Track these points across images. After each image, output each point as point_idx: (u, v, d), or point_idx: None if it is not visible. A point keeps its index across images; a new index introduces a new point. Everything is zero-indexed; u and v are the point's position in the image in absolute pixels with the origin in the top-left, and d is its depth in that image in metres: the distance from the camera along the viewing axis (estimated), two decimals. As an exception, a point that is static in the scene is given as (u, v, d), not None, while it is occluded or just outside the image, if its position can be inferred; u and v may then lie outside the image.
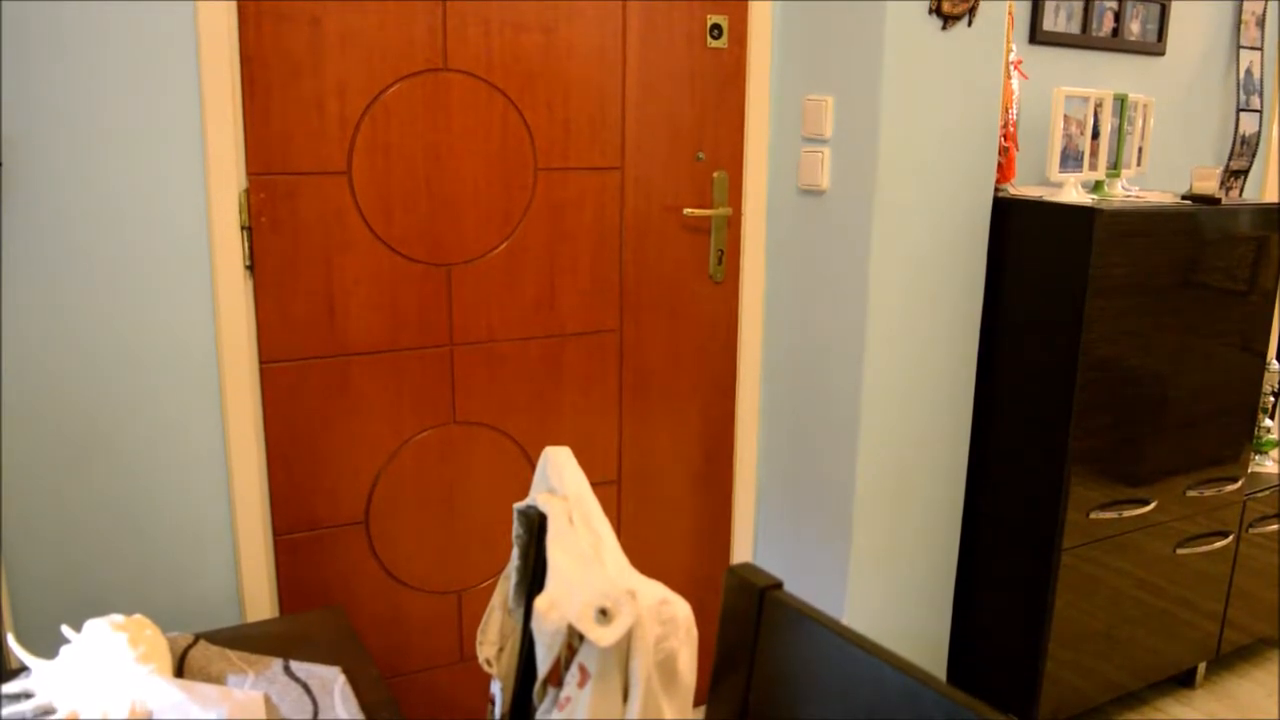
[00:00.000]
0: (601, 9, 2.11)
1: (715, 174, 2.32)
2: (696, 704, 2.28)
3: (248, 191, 1.83)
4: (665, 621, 1.10)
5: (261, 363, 1.90)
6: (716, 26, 2.23)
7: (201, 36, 1.72)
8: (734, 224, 2.38)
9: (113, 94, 1.69)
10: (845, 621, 2.26)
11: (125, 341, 1.77)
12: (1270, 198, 3.34)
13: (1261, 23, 3.19)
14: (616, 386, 2.32)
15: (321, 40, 1.84)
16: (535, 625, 1.10)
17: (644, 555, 2.40)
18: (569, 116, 2.12)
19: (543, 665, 1.11)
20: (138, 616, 1.31)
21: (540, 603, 1.10)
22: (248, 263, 1.86)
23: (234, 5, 1.75)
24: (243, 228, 1.84)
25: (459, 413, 2.13)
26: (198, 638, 1.48)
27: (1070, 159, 2.35)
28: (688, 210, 2.30)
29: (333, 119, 1.88)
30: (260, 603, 1.94)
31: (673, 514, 2.44)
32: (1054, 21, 2.66)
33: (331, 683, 1.43)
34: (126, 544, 1.83)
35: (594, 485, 2.17)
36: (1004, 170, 2.40)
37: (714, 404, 2.46)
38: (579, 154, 2.16)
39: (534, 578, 1.29)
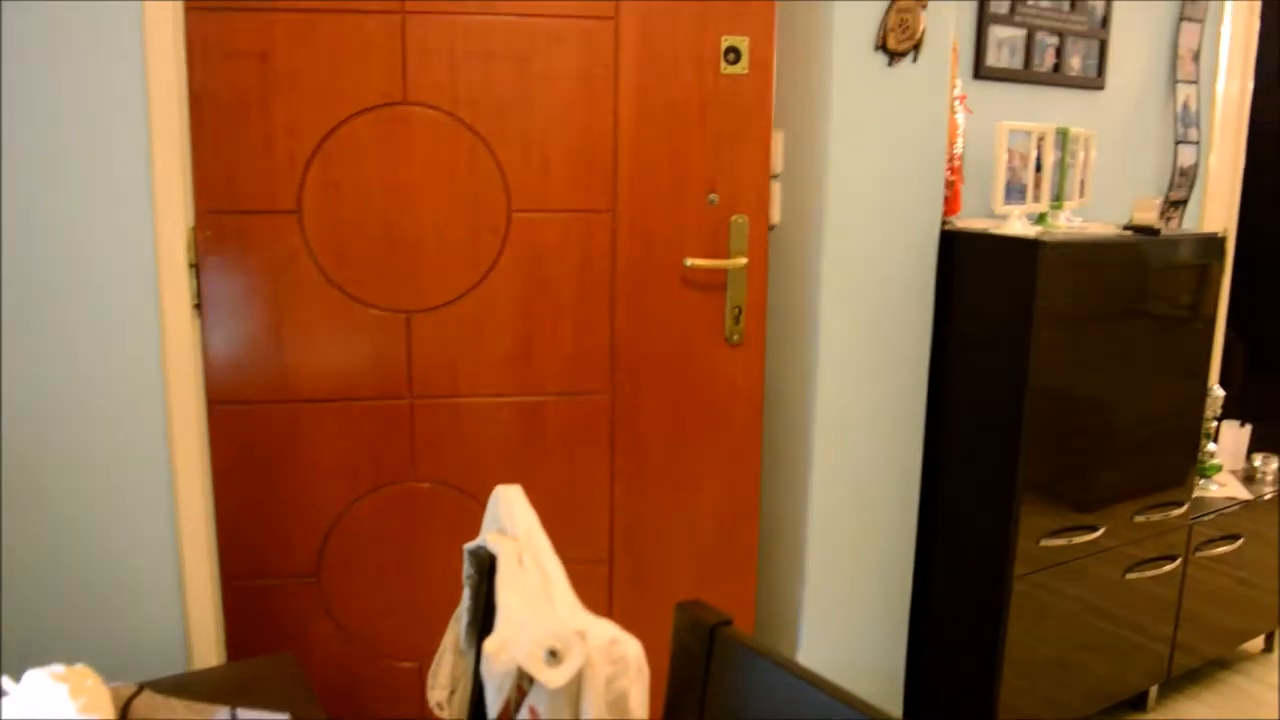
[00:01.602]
0: (588, 32, 1.93)
1: (734, 218, 2.06)
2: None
3: (195, 229, 1.81)
4: (616, 661, 1.10)
5: (210, 404, 1.87)
6: (733, 50, 1.99)
7: (150, 73, 1.70)
8: (755, 276, 2.09)
9: (60, 130, 1.68)
10: (802, 657, 2.27)
11: (71, 381, 1.74)
12: (1209, 228, 3.43)
13: (1197, 58, 3.29)
14: (608, 455, 2.09)
15: (271, 75, 1.81)
16: (484, 667, 1.09)
17: (641, 630, 2.26)
18: (548, 153, 1.95)
19: (493, 708, 1.10)
20: (79, 666, 1.28)
21: (489, 644, 1.09)
22: (195, 302, 1.83)
23: (182, 42, 1.74)
24: (190, 266, 1.82)
25: (420, 471, 2.00)
26: (142, 687, 1.45)
27: (1014, 191, 2.40)
28: (691, 261, 2.05)
29: (282, 156, 1.84)
30: (207, 650, 1.89)
31: (674, 598, 2.22)
32: (997, 57, 2.72)
33: (280, 729, 1.40)
34: (68, 590, 1.79)
35: (582, 563, 2.02)
36: (950, 203, 2.44)
37: (732, 483, 2.18)
38: (560, 195, 1.97)
39: (485, 619, 1.28)
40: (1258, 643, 3.19)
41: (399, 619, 2.04)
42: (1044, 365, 2.27)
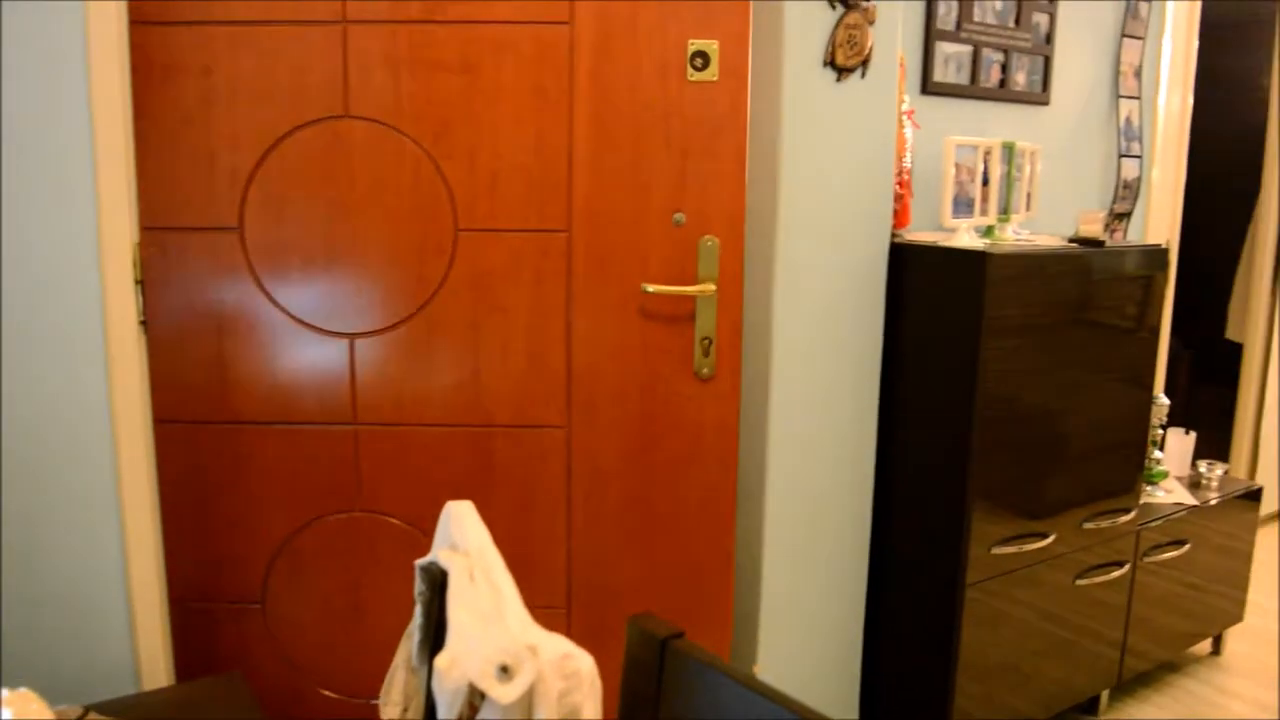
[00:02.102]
0: (541, 39, 1.82)
1: (703, 240, 1.90)
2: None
3: (140, 245, 1.79)
4: (568, 676, 1.10)
5: (156, 423, 1.84)
6: (701, 54, 1.84)
7: (94, 88, 1.68)
8: (728, 304, 1.93)
9: (4, 144, 1.65)
10: (759, 668, 2.28)
11: (15, 398, 1.71)
12: (1152, 239, 3.50)
13: (1138, 73, 3.36)
14: (563, 495, 1.96)
15: (212, 89, 1.78)
16: (436, 684, 1.09)
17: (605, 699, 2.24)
18: (497, 169, 1.84)
19: (445, 726, 1.09)
20: (22, 690, 1.26)
21: (440, 661, 1.09)
22: (141, 318, 1.81)
23: (127, 56, 1.72)
24: (136, 282, 1.79)
25: (366, 500, 1.93)
26: (88, 709, 1.42)
27: (962, 205, 2.44)
28: (652, 287, 1.90)
29: (223, 172, 1.81)
30: (156, 672, 1.86)
31: None
32: (944, 73, 2.76)
33: (230, 751, 1.38)
34: (14, 611, 1.75)
35: (535, 609, 1.87)
36: (899, 217, 2.47)
37: (706, 529, 2.03)
38: (510, 213, 1.86)
39: (437, 635, 1.27)
40: (1205, 646, 3.25)
41: (344, 652, 1.97)
42: (993, 375, 2.31)
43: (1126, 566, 2.76)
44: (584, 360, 1.93)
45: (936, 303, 2.36)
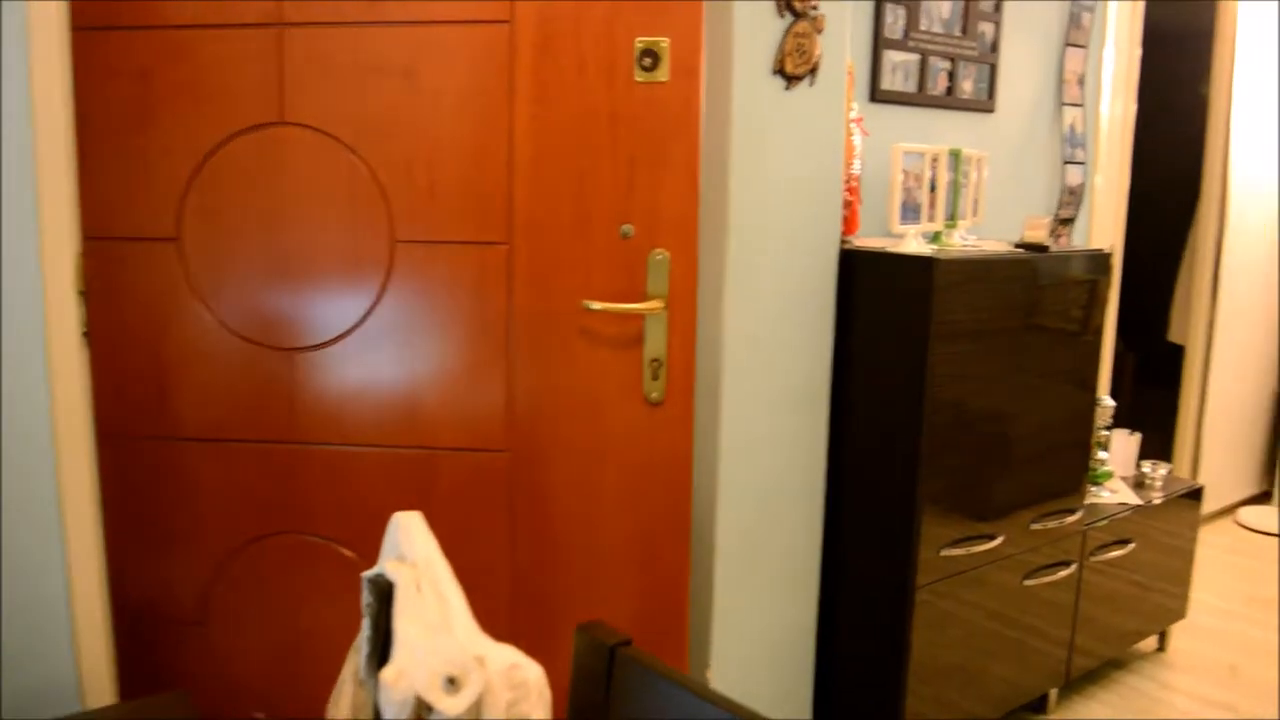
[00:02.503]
0: (480, 40, 1.73)
1: (653, 254, 1.79)
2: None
3: (82, 255, 1.76)
4: (516, 686, 1.10)
5: (98, 437, 1.81)
6: (650, 53, 1.72)
7: (36, 95, 1.65)
8: (679, 323, 1.81)
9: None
10: (712, 675, 2.28)
11: (-52, 415, 1.68)
12: (1096, 244, 3.57)
13: (1081, 82, 3.42)
14: (507, 523, 1.87)
15: (150, 94, 1.74)
16: (382, 697, 1.08)
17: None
18: (435, 178, 1.76)
19: (393, 739, 1.09)
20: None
21: (387, 673, 1.08)
22: (84, 330, 1.78)
23: (69, 64, 1.69)
24: (79, 293, 1.76)
25: (304, 523, 1.87)
26: (28, 729, 1.39)
27: (910, 211, 2.47)
28: (595, 305, 1.78)
29: (161, 180, 1.77)
30: (100, 690, 1.83)
31: None
32: (892, 81, 2.80)
33: (176, 768, 1.36)
34: (-49, 631, 1.72)
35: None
36: (848, 223, 2.49)
37: (659, 560, 1.92)
38: (449, 224, 1.77)
39: (384, 648, 1.27)
40: (1151, 643, 3.31)
41: (285, 673, 1.92)
42: (941, 379, 2.34)
43: (1073, 566, 2.81)
44: (526, 381, 1.84)
45: (886, 308, 2.39)
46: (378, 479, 1.85)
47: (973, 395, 2.44)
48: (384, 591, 1.25)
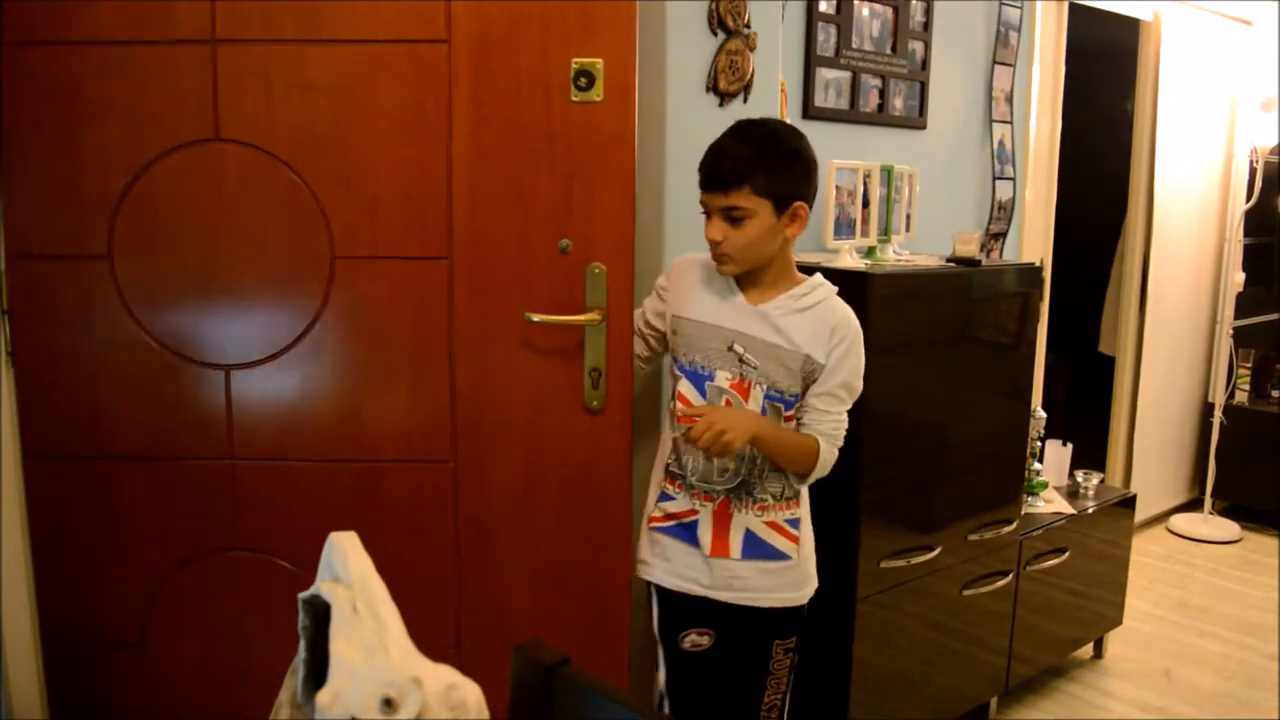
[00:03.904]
0: (418, 58, 1.74)
1: (590, 268, 1.81)
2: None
3: (5, 274, 1.71)
4: (455, 707, 1.08)
5: (26, 458, 1.76)
6: (585, 73, 1.75)
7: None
8: (617, 334, 1.83)
9: None
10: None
11: None
12: (1027, 258, 3.64)
13: (1010, 99, 3.50)
14: (452, 532, 1.88)
15: (79, 110, 1.71)
16: (318, 719, 1.05)
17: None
18: (375, 194, 1.76)
19: (324, 766, 1.06)
20: None
21: (322, 696, 1.05)
22: (8, 349, 1.73)
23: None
24: (2, 312, 1.71)
25: (245, 539, 1.84)
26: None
27: (844, 226, 2.49)
28: (536, 316, 1.80)
29: (91, 198, 1.73)
30: (30, 709, 1.77)
31: None
32: (824, 98, 2.83)
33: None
34: None
35: (428, 649, 1.75)
36: (784, 238, 2.51)
37: (601, 565, 1.93)
38: (390, 240, 1.78)
39: (322, 670, 1.24)
40: (1088, 650, 3.36)
41: (226, 693, 1.87)
42: (878, 392, 2.35)
43: (1010, 576, 2.85)
44: (469, 393, 1.84)
45: (822, 322, 2.41)
46: (320, 493, 1.83)
47: (909, 408, 2.47)
48: (320, 613, 1.23)
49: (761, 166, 1.75)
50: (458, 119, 1.76)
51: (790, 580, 1.95)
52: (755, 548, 1.90)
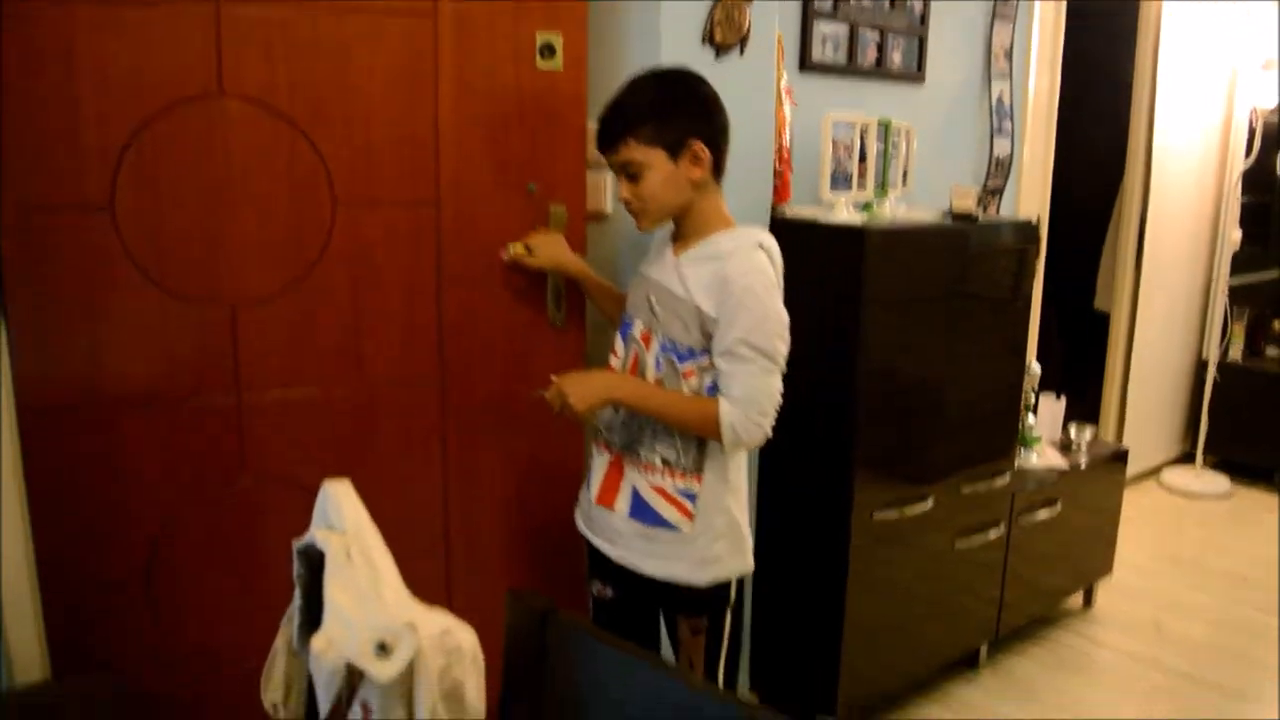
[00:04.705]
0: (408, 26, 1.92)
1: (553, 207, 2.10)
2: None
3: None
4: (449, 651, 1.10)
5: (21, 412, 1.77)
6: (549, 46, 2.03)
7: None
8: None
9: None
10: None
11: None
12: (1024, 214, 3.64)
13: (1009, 54, 3.48)
14: (439, 443, 2.09)
15: (77, 64, 1.71)
16: (313, 665, 1.08)
17: (482, 618, 2.24)
18: (371, 145, 1.93)
19: (323, 706, 1.09)
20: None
21: (317, 642, 1.08)
22: (0, 303, 1.74)
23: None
24: (-7, 268, 1.72)
25: (252, 468, 1.94)
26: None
27: (840, 180, 2.50)
28: (512, 247, 2.06)
29: (90, 150, 1.75)
30: (30, 666, 1.80)
31: (511, 570, 2.25)
32: (821, 52, 2.81)
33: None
34: None
35: (418, 553, 1.88)
36: (780, 192, 2.52)
37: (563, 468, 2.19)
38: (386, 186, 1.96)
39: (317, 617, 1.26)
40: (1078, 600, 3.42)
41: (235, 622, 1.96)
42: (874, 346, 2.37)
43: (1002, 527, 2.88)
44: (454, 320, 2.06)
45: (818, 277, 2.41)
46: (322, 418, 1.99)
47: (904, 362, 2.49)
48: (314, 561, 1.25)
49: (645, 116, 1.73)
50: (443, 81, 1.97)
51: (682, 555, 1.83)
52: (640, 511, 1.84)
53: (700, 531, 1.82)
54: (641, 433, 1.83)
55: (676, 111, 1.75)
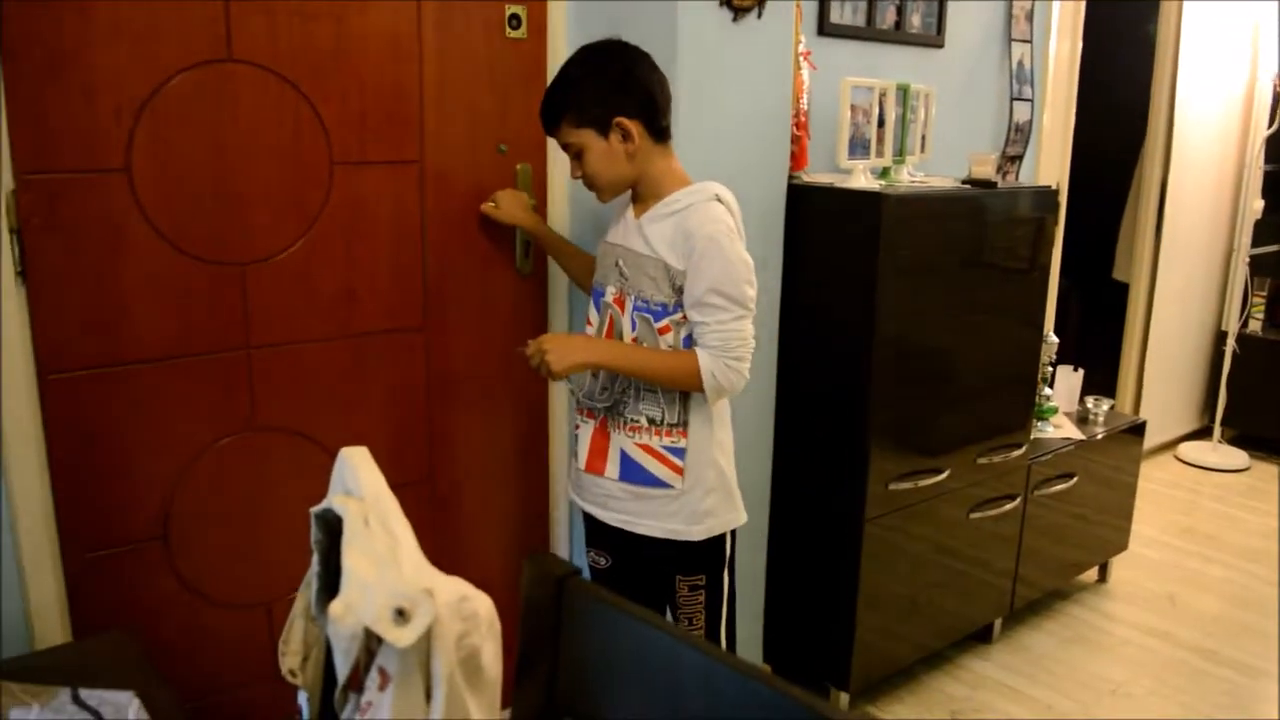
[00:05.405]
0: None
1: (519, 166, 2.26)
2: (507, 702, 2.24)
3: (15, 192, 1.70)
4: (466, 618, 1.09)
5: (41, 376, 1.77)
6: (515, 17, 2.19)
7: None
8: (540, 212, 2.33)
9: None
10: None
11: None
12: (1043, 181, 3.59)
13: (1030, 18, 3.42)
14: (424, 384, 2.24)
15: (91, 30, 1.71)
16: (330, 630, 1.07)
17: (458, 552, 2.34)
18: (365, 109, 2.04)
19: (341, 671, 1.08)
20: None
21: (334, 607, 1.07)
22: (19, 269, 1.72)
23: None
24: (12, 231, 1.70)
25: (259, 418, 2.03)
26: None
27: (858, 146, 2.46)
28: (486, 205, 2.23)
29: (107, 114, 1.76)
30: (52, 629, 1.81)
31: (488, 508, 2.39)
32: (840, 14, 2.77)
33: (125, 708, 1.35)
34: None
35: (405, 485, 2.09)
36: (797, 158, 2.48)
37: (526, 399, 2.40)
38: (377, 148, 2.08)
39: (335, 583, 1.26)
40: (1092, 574, 3.40)
41: (245, 565, 2.06)
42: (890, 315, 2.35)
43: (1018, 500, 2.86)
44: (437, 270, 2.21)
45: (834, 243, 2.39)
46: (323, 368, 2.10)
47: (920, 331, 2.46)
48: (332, 527, 1.24)
49: (567, 100, 1.81)
50: (426, 49, 2.11)
51: (675, 511, 1.88)
52: (631, 471, 1.88)
53: (691, 486, 1.88)
54: (625, 394, 1.87)
55: (595, 92, 1.81)
